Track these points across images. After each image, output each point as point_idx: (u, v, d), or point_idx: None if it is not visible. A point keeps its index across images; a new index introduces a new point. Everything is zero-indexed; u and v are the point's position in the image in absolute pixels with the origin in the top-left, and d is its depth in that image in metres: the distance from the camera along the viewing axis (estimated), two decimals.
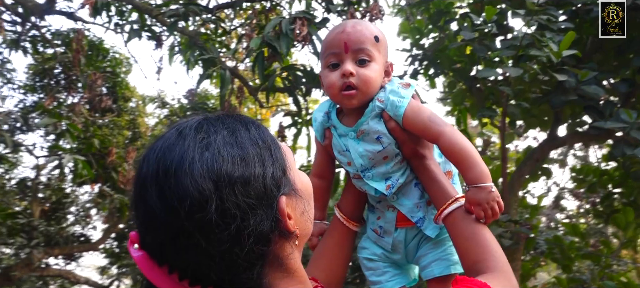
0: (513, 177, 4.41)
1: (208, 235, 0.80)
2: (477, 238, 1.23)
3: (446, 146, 1.31)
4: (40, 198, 9.24)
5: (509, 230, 3.87)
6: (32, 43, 7.32)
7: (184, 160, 0.82)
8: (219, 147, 0.84)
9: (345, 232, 1.48)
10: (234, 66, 5.21)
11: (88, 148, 7.01)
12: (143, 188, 0.84)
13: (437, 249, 1.40)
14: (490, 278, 1.12)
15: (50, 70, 7.73)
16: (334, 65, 1.35)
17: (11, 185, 9.39)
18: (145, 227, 0.84)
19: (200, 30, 5.11)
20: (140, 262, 0.84)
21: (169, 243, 0.81)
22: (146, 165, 0.85)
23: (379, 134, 1.36)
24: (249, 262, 0.83)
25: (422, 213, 1.41)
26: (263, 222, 0.84)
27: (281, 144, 0.98)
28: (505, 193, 4.16)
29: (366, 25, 1.39)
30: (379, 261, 1.51)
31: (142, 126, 9.61)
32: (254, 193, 0.83)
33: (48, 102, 7.15)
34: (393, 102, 1.34)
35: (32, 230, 8.37)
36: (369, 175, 1.40)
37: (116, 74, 8.52)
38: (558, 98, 3.71)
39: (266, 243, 0.85)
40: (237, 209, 0.81)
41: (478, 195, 1.24)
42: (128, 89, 8.99)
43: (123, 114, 9.09)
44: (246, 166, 0.84)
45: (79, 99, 7.83)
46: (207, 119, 0.91)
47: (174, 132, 0.88)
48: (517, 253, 4.02)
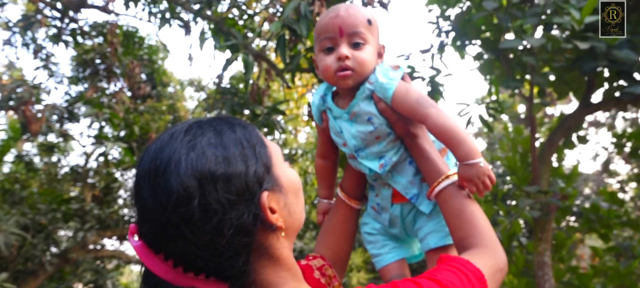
0: (544, 146, 4.31)
1: (192, 227, 0.89)
2: (464, 214, 1.27)
3: (433, 127, 1.34)
4: (90, 183, 9.71)
5: (538, 202, 3.81)
6: (72, 36, 7.63)
7: (171, 160, 0.91)
8: (203, 147, 0.93)
9: (348, 211, 1.53)
10: (261, 49, 5.27)
11: (129, 135, 7.29)
12: (138, 185, 0.94)
13: (431, 221, 1.44)
14: (473, 254, 1.17)
15: (90, 62, 8.05)
16: (329, 49, 1.39)
17: (64, 173, 9.91)
18: (141, 219, 0.94)
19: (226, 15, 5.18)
20: (139, 250, 0.94)
21: (160, 234, 0.91)
22: (142, 164, 0.96)
23: (369, 115, 1.40)
24: (232, 252, 0.92)
25: (416, 189, 1.45)
26: (243, 216, 0.92)
27: (269, 142, 1.06)
28: (534, 164, 4.09)
29: (358, 9, 1.41)
30: (379, 235, 1.56)
31: (181, 110, 9.90)
32: (235, 189, 0.92)
33: (90, 92, 7.47)
34: (382, 84, 1.37)
35: (84, 214, 8.83)
36: (362, 155, 1.45)
37: (153, 61, 8.76)
38: (588, 64, 3.58)
39: (248, 235, 0.93)
40: (219, 204, 0.89)
41: (468, 171, 1.27)
42: (165, 75, 9.24)
43: (162, 99, 9.39)
44: (228, 165, 0.93)
45: (120, 87, 8.15)
46: (197, 122, 1.00)
47: (167, 135, 0.97)
48: (547, 224, 3.96)
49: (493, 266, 1.16)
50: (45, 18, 7.11)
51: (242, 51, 4.29)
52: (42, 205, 8.45)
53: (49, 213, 8.34)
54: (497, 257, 1.19)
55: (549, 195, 3.84)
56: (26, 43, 8.06)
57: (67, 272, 10.07)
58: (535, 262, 3.97)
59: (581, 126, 4.55)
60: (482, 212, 1.30)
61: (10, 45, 8.20)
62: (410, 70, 5.51)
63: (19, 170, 9.42)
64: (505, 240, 4.67)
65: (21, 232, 6.02)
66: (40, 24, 6.92)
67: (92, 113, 6.81)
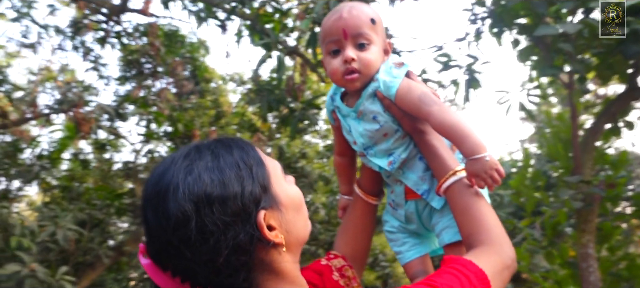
0: (587, 134, 4.14)
1: (190, 248, 0.95)
2: (471, 211, 1.27)
3: (436, 125, 1.34)
4: (141, 179, 10.10)
5: (580, 192, 3.68)
6: (117, 38, 7.93)
7: (170, 185, 0.97)
8: (200, 171, 0.98)
9: (365, 207, 1.55)
10: (295, 45, 5.32)
11: (174, 133, 7.53)
12: (144, 207, 1.02)
13: (445, 217, 1.43)
14: (478, 253, 1.17)
15: (136, 62, 8.34)
16: (334, 51, 1.41)
17: (116, 169, 10.35)
18: (148, 239, 1.02)
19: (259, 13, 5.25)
20: (148, 268, 1.01)
21: (163, 253, 0.98)
22: (146, 188, 1.03)
23: (374, 113, 1.41)
24: (231, 269, 0.97)
25: (427, 185, 1.45)
26: (239, 235, 0.96)
27: (268, 160, 1.10)
28: (576, 152, 3.94)
29: (361, 9, 1.41)
30: (398, 232, 1.57)
31: (224, 104, 10.11)
32: (231, 210, 0.96)
33: (136, 92, 7.77)
34: (385, 82, 1.38)
35: (136, 208, 9.21)
36: (371, 152, 1.46)
37: (195, 59, 8.97)
38: (631, 47, 3.41)
39: (245, 254, 0.98)
40: (215, 226, 0.95)
41: (475, 166, 1.26)
42: (207, 71, 9.44)
43: (206, 95, 9.61)
44: (224, 187, 0.97)
45: (164, 85, 8.43)
46: (197, 146, 1.05)
47: (168, 159, 1.04)
48: (591, 215, 3.82)
49: (498, 264, 1.16)
50: (92, 22, 7.44)
51: (274, 48, 4.34)
52: (97, 201, 8.88)
53: (103, 208, 8.75)
54: (503, 255, 1.19)
55: (591, 184, 3.70)
56: (76, 46, 8.46)
57: (124, 262, 10.56)
58: (579, 254, 3.84)
59: (628, 111, 4.34)
60: (489, 208, 1.30)
61: (62, 49, 8.65)
62: (446, 59, 5.42)
63: (75, 168, 9.92)
64: (548, 230, 4.54)
65: (77, 228, 6.37)
66: (87, 28, 7.25)
67: (138, 112, 7.10)
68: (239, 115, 10.28)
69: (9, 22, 8.09)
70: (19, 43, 8.52)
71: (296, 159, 9.42)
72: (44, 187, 9.04)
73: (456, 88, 5.42)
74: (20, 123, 6.58)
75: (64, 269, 5.79)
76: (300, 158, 9.45)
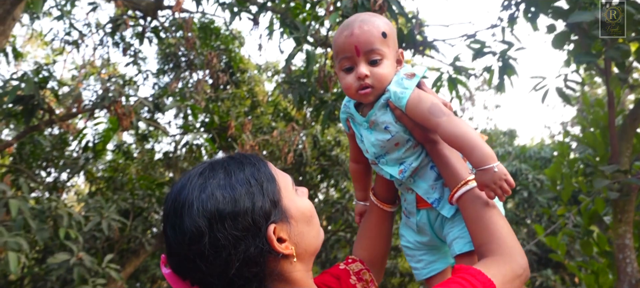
0: (625, 122, 4.02)
1: (205, 261, 1.03)
2: (483, 221, 1.29)
3: (445, 137, 1.36)
4: (181, 168, 10.39)
5: (617, 182, 3.59)
6: (154, 33, 8.15)
7: (185, 202, 1.06)
8: (213, 189, 1.06)
9: (381, 214, 1.59)
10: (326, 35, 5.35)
11: (210, 124, 7.71)
12: (164, 222, 1.11)
13: (456, 227, 1.45)
14: (488, 263, 1.20)
15: (173, 55, 8.56)
16: (348, 69, 1.43)
17: (157, 159, 10.67)
18: (168, 251, 1.11)
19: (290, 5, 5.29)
20: (169, 277, 1.10)
21: (181, 265, 1.07)
22: (166, 204, 1.12)
23: (386, 124, 1.43)
24: (244, 280, 1.06)
25: (437, 194, 1.46)
26: (250, 249, 1.04)
27: (279, 175, 1.16)
28: (613, 141, 3.84)
29: (372, 23, 1.42)
30: (415, 249, 1.60)
31: (260, 94, 10.24)
32: (242, 226, 1.04)
33: (174, 85, 7.98)
34: (396, 94, 1.40)
35: None
36: (383, 161, 1.49)
37: (230, 50, 9.12)
38: None
39: (256, 265, 1.05)
40: (227, 240, 1.03)
41: (484, 177, 1.28)
42: (242, 62, 9.58)
43: (241, 85, 9.77)
44: (235, 204, 1.05)
45: (202, 76, 8.63)
46: (211, 164, 1.13)
47: (185, 178, 1.12)
48: (628, 205, 3.72)
49: (508, 274, 1.18)
50: (129, 18, 7.67)
51: (304, 42, 4.39)
52: (139, 191, 9.21)
53: (145, 197, 9.07)
54: (514, 264, 1.21)
55: (629, 174, 3.61)
56: (116, 42, 8.75)
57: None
58: (616, 245, 3.76)
59: None
60: (502, 217, 1.31)
61: (102, 45, 8.96)
62: (479, 46, 5.34)
63: (119, 158, 10.29)
64: (585, 219, 4.45)
65: (121, 218, 6.66)
66: (125, 24, 7.48)
67: (176, 105, 7.31)
68: (274, 104, 10.40)
69: (53, 20, 8.44)
70: (63, 40, 8.89)
71: (331, 147, 9.48)
72: (89, 178, 9.43)
73: (490, 75, 5.34)
74: (66, 118, 6.89)
75: (109, 257, 6.08)
76: (335, 146, 9.49)
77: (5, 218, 5.41)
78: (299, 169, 9.31)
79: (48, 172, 9.11)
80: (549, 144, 14.80)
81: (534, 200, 11.67)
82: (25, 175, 7.62)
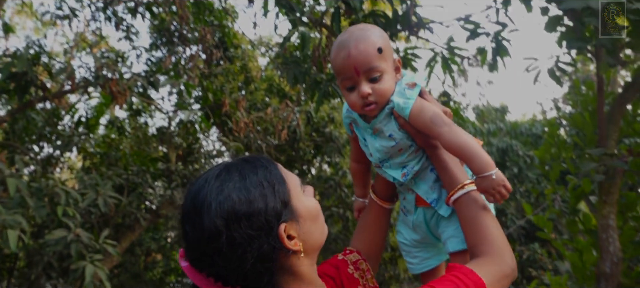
0: (613, 106, 4.11)
1: (222, 257, 1.12)
2: (476, 223, 1.40)
3: (446, 145, 1.45)
4: (174, 143, 10.41)
5: (602, 164, 3.69)
6: (147, 8, 8.08)
7: (204, 203, 1.14)
8: (229, 191, 1.14)
9: (380, 210, 1.69)
10: (321, 16, 5.35)
11: (204, 101, 7.71)
12: (183, 220, 1.19)
13: (451, 226, 1.54)
14: (480, 262, 1.31)
15: (166, 30, 8.50)
16: (350, 88, 1.48)
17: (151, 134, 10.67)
18: (186, 247, 1.19)
19: None
20: (187, 270, 1.19)
21: (200, 260, 1.16)
22: (185, 203, 1.20)
23: (390, 132, 1.52)
24: (257, 274, 1.15)
25: (436, 194, 1.56)
26: (263, 246, 1.13)
27: (288, 177, 1.25)
28: (601, 124, 3.94)
29: (368, 41, 1.46)
30: (410, 246, 1.71)
31: (253, 69, 10.22)
32: (256, 225, 1.13)
33: (167, 61, 7.96)
34: (399, 104, 1.48)
35: (171, 173, 9.57)
36: (387, 165, 1.58)
37: (223, 25, 9.06)
38: None
39: (268, 261, 1.15)
40: (242, 239, 1.12)
41: (483, 183, 1.38)
42: (236, 37, 9.53)
43: (235, 60, 9.74)
44: (250, 205, 1.13)
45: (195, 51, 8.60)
46: (226, 167, 1.21)
47: (202, 179, 1.20)
48: (613, 187, 3.84)
49: (498, 274, 1.28)
50: None
51: (299, 24, 4.40)
52: (133, 166, 9.25)
53: (139, 173, 9.13)
54: (503, 265, 1.32)
55: (615, 157, 3.71)
56: (108, 17, 8.66)
57: (161, 223, 11.03)
58: (600, 225, 3.89)
59: None
60: (494, 220, 1.42)
61: (94, 20, 8.88)
62: (473, 27, 5.37)
63: (112, 133, 10.30)
64: (572, 199, 4.58)
65: (116, 195, 6.72)
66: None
67: (169, 82, 7.31)
68: (268, 80, 10.39)
69: None
70: (54, 15, 8.79)
71: (324, 124, 9.54)
72: (83, 153, 9.45)
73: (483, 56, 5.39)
74: (59, 95, 6.87)
75: (106, 232, 6.16)
76: (329, 122, 9.56)
77: (2, 195, 5.47)
78: (293, 145, 9.39)
79: (41, 147, 9.11)
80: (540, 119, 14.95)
81: (524, 176, 11.89)
82: (18, 151, 7.63)
